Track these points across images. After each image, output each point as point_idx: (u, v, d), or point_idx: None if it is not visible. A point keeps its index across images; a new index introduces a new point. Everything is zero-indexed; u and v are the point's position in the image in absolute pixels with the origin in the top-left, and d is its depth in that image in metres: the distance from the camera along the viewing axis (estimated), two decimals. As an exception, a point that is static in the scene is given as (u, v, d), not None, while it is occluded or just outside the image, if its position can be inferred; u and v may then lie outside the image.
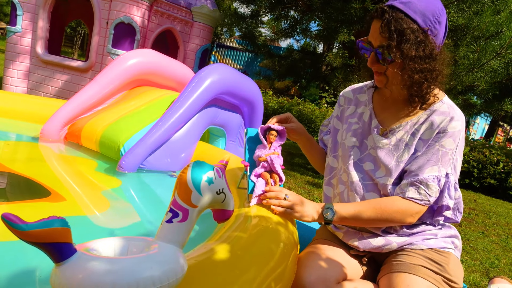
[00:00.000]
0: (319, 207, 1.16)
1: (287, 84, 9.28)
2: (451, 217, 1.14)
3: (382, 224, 1.14)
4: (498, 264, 2.72)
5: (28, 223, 0.52)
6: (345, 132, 1.28)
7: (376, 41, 1.07)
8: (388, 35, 1.03)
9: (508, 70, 4.25)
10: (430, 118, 1.12)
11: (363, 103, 1.29)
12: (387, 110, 1.22)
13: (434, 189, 1.08)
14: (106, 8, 4.77)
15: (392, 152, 1.15)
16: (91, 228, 1.33)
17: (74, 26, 20.71)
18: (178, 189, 0.68)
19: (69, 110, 2.33)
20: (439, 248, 1.14)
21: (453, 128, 1.09)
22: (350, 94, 1.34)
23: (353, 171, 1.21)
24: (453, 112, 1.11)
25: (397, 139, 1.16)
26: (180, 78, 2.81)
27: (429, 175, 1.08)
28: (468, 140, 8.12)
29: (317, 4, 4.80)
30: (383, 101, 1.24)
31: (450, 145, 1.09)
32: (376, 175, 1.17)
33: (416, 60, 1.04)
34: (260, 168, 1.27)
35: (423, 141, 1.12)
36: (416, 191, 1.08)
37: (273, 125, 1.33)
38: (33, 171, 1.72)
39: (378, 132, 1.20)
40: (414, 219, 1.11)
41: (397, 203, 1.10)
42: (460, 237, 1.23)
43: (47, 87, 5.04)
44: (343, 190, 1.25)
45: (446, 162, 1.09)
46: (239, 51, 14.39)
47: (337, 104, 1.38)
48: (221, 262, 0.83)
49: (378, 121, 1.21)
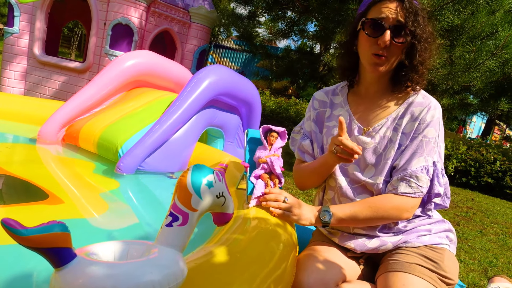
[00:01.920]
0: (316, 210, 1.16)
1: (285, 84, 9.28)
2: (440, 203, 1.16)
3: (379, 222, 1.15)
4: (496, 263, 2.73)
5: (28, 228, 0.52)
6: (326, 136, 1.28)
7: (392, 20, 1.08)
8: (407, 14, 1.07)
9: (504, 69, 4.27)
10: (409, 111, 1.14)
11: (339, 105, 1.28)
12: (364, 109, 1.22)
13: (424, 179, 1.09)
14: (104, 9, 4.76)
15: (378, 150, 1.16)
16: (90, 231, 1.32)
17: (71, 26, 20.64)
18: (178, 193, 0.68)
19: (67, 111, 2.32)
20: (434, 245, 1.15)
21: (432, 117, 1.12)
22: (324, 97, 1.33)
23: (340, 176, 1.21)
24: (429, 101, 1.14)
25: (380, 137, 1.17)
26: (178, 79, 2.81)
27: (417, 167, 1.09)
28: (465, 139, 8.15)
29: (314, 5, 4.80)
30: (359, 100, 1.25)
31: (432, 134, 1.11)
32: (364, 176, 1.18)
33: (424, 41, 1.09)
34: (260, 170, 1.27)
35: (406, 135, 1.14)
36: (408, 185, 1.09)
37: (274, 127, 1.34)
38: (30, 173, 1.71)
39: (360, 132, 1.21)
40: (410, 214, 1.13)
41: (391, 200, 1.11)
42: (455, 231, 1.24)
43: (44, 88, 5.03)
44: (333, 196, 1.25)
45: (431, 150, 1.11)
46: (237, 51, 14.38)
47: (311, 107, 1.34)
48: (221, 264, 0.83)
49: (358, 121, 1.22)
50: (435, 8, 3.65)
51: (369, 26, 1.10)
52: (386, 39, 1.07)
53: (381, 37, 1.08)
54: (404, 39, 1.08)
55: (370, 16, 1.11)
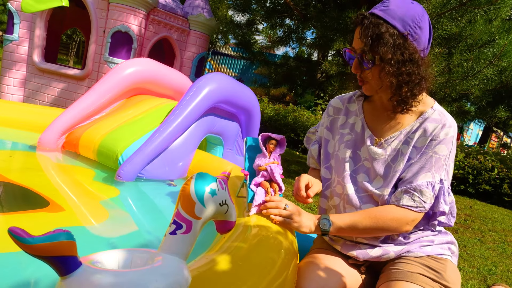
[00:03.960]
0: (315, 218, 1.17)
1: (283, 91, 9.33)
2: (445, 221, 1.14)
3: (379, 233, 1.14)
4: (495, 271, 2.73)
5: (34, 237, 0.52)
6: (338, 143, 1.28)
7: (358, 47, 1.10)
8: (367, 39, 1.06)
9: (501, 77, 4.31)
10: (423, 126, 1.13)
11: (354, 113, 1.28)
12: (378, 119, 1.22)
13: (429, 195, 1.08)
14: (103, 17, 4.79)
15: (389, 163, 1.16)
16: (91, 239, 1.32)
17: (69, 33, 20.71)
18: (182, 201, 0.69)
19: (67, 119, 2.32)
20: (436, 255, 1.14)
21: (445, 135, 1.10)
22: (340, 104, 1.34)
23: (348, 183, 1.21)
24: (445, 119, 1.12)
25: (392, 149, 1.16)
26: (178, 86, 2.82)
27: (423, 182, 1.08)
28: (462, 146, 8.18)
29: (312, 13, 4.85)
30: (374, 110, 1.24)
31: (443, 151, 1.10)
32: (372, 186, 1.17)
33: (394, 64, 1.06)
34: (260, 177, 1.28)
35: (417, 149, 1.13)
36: (411, 198, 1.09)
37: (273, 134, 1.34)
38: (31, 180, 1.71)
39: (372, 143, 1.20)
40: (410, 227, 1.12)
41: (392, 211, 1.11)
42: (457, 243, 1.24)
43: (43, 95, 5.03)
44: (339, 203, 1.25)
45: (440, 168, 1.10)
46: (235, 58, 14.45)
47: (326, 114, 1.36)
48: (223, 273, 0.84)
49: (371, 131, 1.21)
50: (433, 17, 3.69)
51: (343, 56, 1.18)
52: (353, 69, 1.14)
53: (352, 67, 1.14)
54: (368, 65, 1.09)
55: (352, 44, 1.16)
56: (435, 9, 3.64)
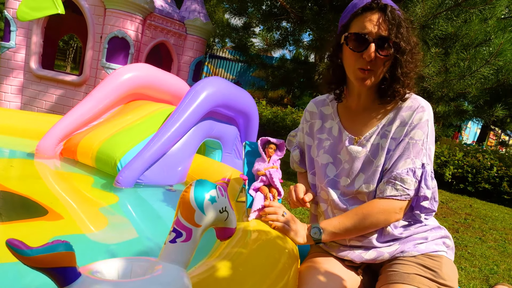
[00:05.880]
0: (306, 228, 1.18)
1: (281, 93, 9.33)
2: (428, 206, 1.13)
3: (372, 229, 1.14)
4: (497, 270, 2.73)
5: (33, 249, 0.51)
6: (317, 149, 1.27)
7: (375, 33, 1.07)
8: (391, 26, 1.05)
9: (498, 76, 4.32)
10: (398, 116, 1.13)
11: (329, 117, 1.28)
12: (354, 120, 1.22)
13: (411, 182, 1.08)
14: (100, 23, 4.79)
15: (370, 158, 1.16)
16: (90, 246, 1.32)
17: (66, 39, 20.71)
18: (181, 209, 0.68)
19: (64, 125, 2.32)
20: (431, 253, 1.14)
21: (419, 119, 1.11)
22: (314, 108, 1.33)
23: (331, 188, 1.21)
24: (417, 103, 1.13)
25: (372, 145, 1.16)
26: (175, 91, 2.82)
27: (403, 170, 1.08)
28: (461, 145, 8.19)
29: (309, 16, 4.86)
30: (349, 112, 1.24)
31: (419, 136, 1.10)
32: (356, 185, 1.17)
33: (408, 53, 1.08)
34: (259, 182, 1.27)
35: (395, 140, 1.13)
36: (393, 188, 1.09)
37: (272, 139, 1.34)
38: (29, 189, 1.71)
39: (351, 143, 1.20)
40: (400, 215, 1.12)
41: (378, 204, 1.11)
42: (452, 237, 1.24)
43: (41, 102, 5.02)
44: (326, 208, 1.25)
45: (418, 152, 1.09)
46: (232, 62, 14.46)
47: (304, 119, 1.35)
48: (224, 279, 0.83)
49: (349, 133, 1.21)
50: (429, 17, 3.70)
51: (353, 40, 1.09)
52: (371, 53, 1.06)
53: (366, 51, 1.06)
54: (388, 51, 1.07)
55: (353, 30, 1.09)
56: (431, 9, 3.66)
